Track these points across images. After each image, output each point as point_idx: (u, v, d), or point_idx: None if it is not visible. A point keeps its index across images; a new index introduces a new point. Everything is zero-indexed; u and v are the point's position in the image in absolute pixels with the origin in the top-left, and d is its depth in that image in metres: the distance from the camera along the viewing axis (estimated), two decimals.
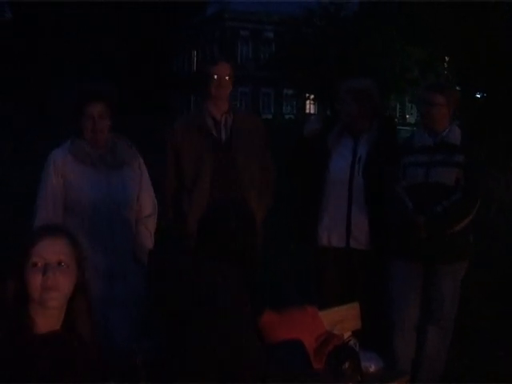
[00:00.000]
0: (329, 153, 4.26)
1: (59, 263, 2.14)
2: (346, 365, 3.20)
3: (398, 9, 28.10)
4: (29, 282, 2.11)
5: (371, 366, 3.52)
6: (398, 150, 4.18)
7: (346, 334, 3.65)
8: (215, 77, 4.09)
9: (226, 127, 4.14)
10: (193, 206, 4.02)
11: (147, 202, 3.86)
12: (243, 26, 46.33)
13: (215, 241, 2.58)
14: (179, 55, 50.81)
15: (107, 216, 3.64)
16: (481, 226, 7.81)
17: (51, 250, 2.14)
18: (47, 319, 2.13)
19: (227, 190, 4.06)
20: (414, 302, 4.09)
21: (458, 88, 23.14)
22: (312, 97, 37.70)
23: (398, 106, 44.20)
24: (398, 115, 44.12)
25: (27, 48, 27.22)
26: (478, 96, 21.36)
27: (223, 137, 4.13)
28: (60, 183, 3.60)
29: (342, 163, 4.21)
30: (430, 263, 4.01)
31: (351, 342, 3.50)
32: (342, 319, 3.70)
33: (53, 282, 2.10)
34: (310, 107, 41.71)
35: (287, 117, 40.11)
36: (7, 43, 27.53)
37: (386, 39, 29.57)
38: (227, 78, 4.12)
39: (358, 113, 4.20)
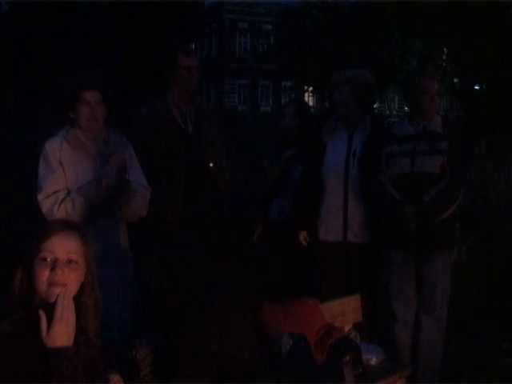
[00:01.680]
0: (324, 146, 4.25)
1: (69, 261, 2.14)
2: (347, 357, 3.19)
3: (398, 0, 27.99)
4: (36, 275, 2.10)
5: (372, 359, 3.52)
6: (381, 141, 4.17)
7: (347, 327, 3.64)
8: (186, 68, 4.10)
9: (191, 119, 4.16)
10: (171, 198, 4.05)
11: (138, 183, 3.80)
12: (241, 18, 46.18)
13: (214, 238, 2.56)
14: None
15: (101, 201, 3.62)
16: (481, 217, 7.83)
17: (62, 247, 2.14)
18: None
19: (200, 180, 4.09)
20: (408, 292, 4.09)
21: (456, 80, 23.11)
22: (311, 89, 37.61)
23: (397, 97, 44.11)
24: (396, 106, 44.06)
25: (27, 44, 27.08)
26: (477, 88, 21.31)
27: (190, 128, 4.15)
28: (60, 170, 3.57)
29: (337, 156, 4.21)
30: (420, 252, 4.01)
31: (352, 335, 3.49)
32: (342, 312, 3.69)
33: (60, 279, 2.09)
34: (309, 99, 41.64)
35: None
36: (5, 38, 27.36)
37: (385, 30, 29.47)
38: (194, 70, 4.14)
39: (354, 104, 4.18)
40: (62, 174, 3.55)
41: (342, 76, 4.26)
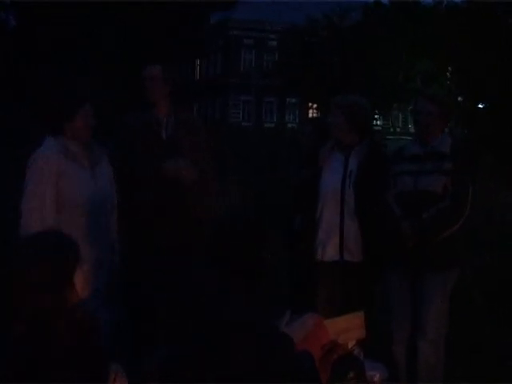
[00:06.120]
0: (320, 168, 4.32)
1: None
2: (351, 374, 3.20)
3: (403, 19, 28.16)
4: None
5: (376, 376, 3.52)
6: (388, 160, 4.25)
7: (351, 343, 3.65)
8: (148, 79, 4.33)
9: (167, 128, 4.36)
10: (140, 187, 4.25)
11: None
12: (247, 35, 46.42)
13: (224, 253, 2.57)
14: (182, 64, 50.81)
15: (95, 210, 3.75)
16: (484, 236, 7.83)
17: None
18: None
19: (172, 187, 4.23)
20: (404, 313, 4.10)
21: (460, 99, 23.18)
22: (315, 106, 37.77)
23: (401, 115, 44.22)
24: (400, 125, 44.15)
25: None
26: (481, 106, 21.41)
27: (164, 136, 4.36)
28: (53, 182, 3.64)
29: (333, 177, 4.26)
30: (418, 271, 4.01)
31: (356, 352, 3.50)
32: (346, 328, 3.70)
33: None
34: (313, 116, 41.76)
35: (290, 125, 40.16)
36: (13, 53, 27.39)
37: (390, 49, 29.62)
38: (156, 80, 4.32)
39: (346, 127, 4.26)
40: (54, 186, 3.64)
41: (336, 100, 4.40)
